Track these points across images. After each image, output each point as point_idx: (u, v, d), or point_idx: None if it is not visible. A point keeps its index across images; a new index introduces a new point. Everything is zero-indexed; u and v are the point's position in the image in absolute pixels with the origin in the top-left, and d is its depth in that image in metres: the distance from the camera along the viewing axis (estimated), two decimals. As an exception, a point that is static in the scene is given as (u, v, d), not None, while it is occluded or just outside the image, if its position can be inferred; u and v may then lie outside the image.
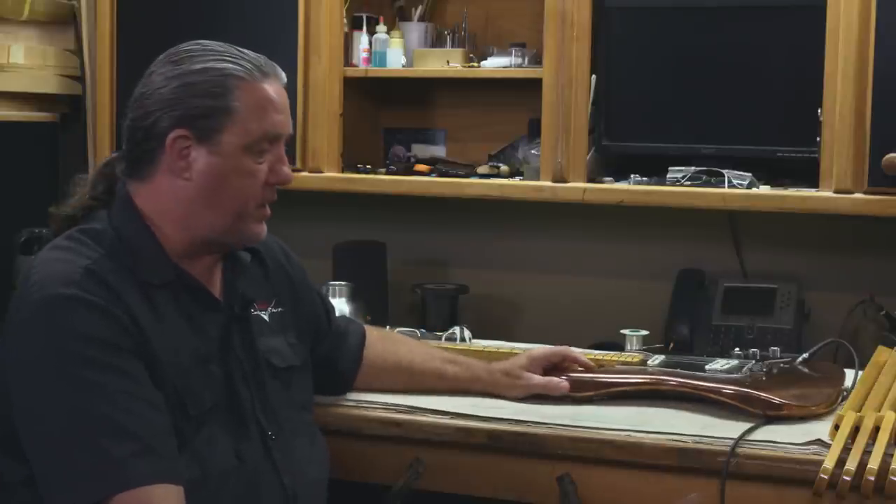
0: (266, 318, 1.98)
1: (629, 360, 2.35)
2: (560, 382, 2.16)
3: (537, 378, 2.17)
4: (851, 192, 2.45)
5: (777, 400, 2.01)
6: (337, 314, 2.22)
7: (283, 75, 1.92)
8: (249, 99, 1.83)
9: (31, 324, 1.72)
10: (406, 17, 3.03)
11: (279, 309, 2.01)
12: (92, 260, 1.77)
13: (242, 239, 1.90)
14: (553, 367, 2.21)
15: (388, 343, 2.26)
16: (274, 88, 1.86)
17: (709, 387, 2.09)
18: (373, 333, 2.25)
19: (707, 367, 2.27)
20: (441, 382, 2.21)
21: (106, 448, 1.64)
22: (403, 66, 2.92)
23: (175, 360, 1.78)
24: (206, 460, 1.78)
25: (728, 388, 2.07)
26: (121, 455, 1.64)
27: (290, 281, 2.06)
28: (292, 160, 2.81)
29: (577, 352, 2.27)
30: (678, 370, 2.21)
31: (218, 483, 1.78)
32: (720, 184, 2.58)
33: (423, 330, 2.75)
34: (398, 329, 2.63)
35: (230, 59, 1.85)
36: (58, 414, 1.67)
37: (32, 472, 1.71)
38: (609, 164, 2.75)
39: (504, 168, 2.86)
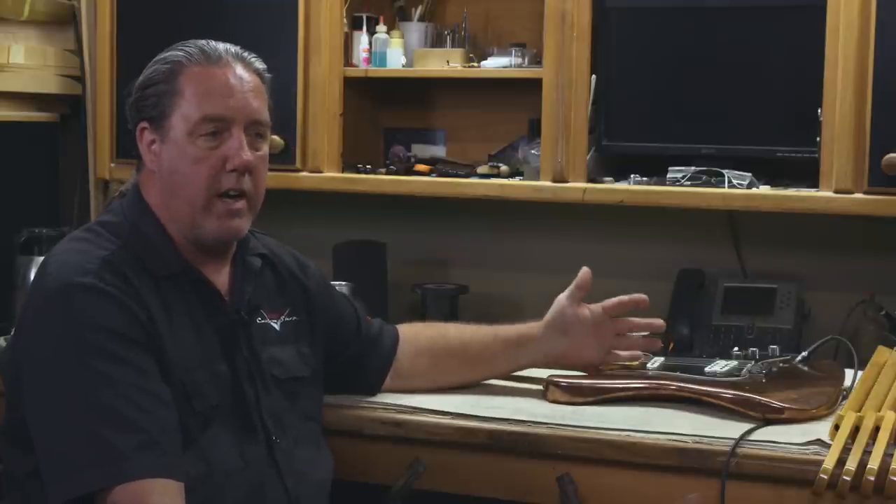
0: (277, 326, 1.97)
1: (629, 362, 2.34)
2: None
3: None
4: (851, 192, 2.45)
5: (777, 404, 2.01)
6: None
7: (254, 62, 1.89)
8: (191, 82, 1.84)
9: (47, 312, 1.73)
10: (406, 17, 3.03)
11: (293, 318, 2.01)
12: (109, 251, 1.78)
13: (209, 234, 1.86)
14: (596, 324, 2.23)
15: (433, 330, 2.24)
16: (225, 72, 1.84)
17: (708, 391, 2.08)
18: (414, 328, 2.23)
19: (707, 367, 2.27)
20: (498, 351, 2.18)
21: (110, 439, 1.65)
22: (403, 66, 2.91)
23: (183, 357, 1.79)
24: (210, 458, 1.78)
25: (727, 393, 2.06)
26: (124, 447, 1.65)
27: (305, 291, 2.05)
28: (292, 160, 2.83)
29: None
30: (678, 373, 2.20)
31: (222, 482, 1.79)
32: (720, 184, 2.58)
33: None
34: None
35: (181, 48, 1.87)
36: (66, 402, 1.67)
37: (38, 464, 1.72)
38: (609, 164, 2.75)
39: (504, 168, 2.85)
